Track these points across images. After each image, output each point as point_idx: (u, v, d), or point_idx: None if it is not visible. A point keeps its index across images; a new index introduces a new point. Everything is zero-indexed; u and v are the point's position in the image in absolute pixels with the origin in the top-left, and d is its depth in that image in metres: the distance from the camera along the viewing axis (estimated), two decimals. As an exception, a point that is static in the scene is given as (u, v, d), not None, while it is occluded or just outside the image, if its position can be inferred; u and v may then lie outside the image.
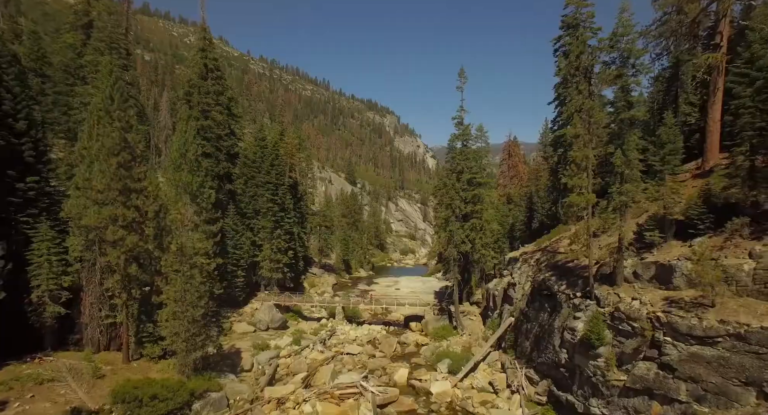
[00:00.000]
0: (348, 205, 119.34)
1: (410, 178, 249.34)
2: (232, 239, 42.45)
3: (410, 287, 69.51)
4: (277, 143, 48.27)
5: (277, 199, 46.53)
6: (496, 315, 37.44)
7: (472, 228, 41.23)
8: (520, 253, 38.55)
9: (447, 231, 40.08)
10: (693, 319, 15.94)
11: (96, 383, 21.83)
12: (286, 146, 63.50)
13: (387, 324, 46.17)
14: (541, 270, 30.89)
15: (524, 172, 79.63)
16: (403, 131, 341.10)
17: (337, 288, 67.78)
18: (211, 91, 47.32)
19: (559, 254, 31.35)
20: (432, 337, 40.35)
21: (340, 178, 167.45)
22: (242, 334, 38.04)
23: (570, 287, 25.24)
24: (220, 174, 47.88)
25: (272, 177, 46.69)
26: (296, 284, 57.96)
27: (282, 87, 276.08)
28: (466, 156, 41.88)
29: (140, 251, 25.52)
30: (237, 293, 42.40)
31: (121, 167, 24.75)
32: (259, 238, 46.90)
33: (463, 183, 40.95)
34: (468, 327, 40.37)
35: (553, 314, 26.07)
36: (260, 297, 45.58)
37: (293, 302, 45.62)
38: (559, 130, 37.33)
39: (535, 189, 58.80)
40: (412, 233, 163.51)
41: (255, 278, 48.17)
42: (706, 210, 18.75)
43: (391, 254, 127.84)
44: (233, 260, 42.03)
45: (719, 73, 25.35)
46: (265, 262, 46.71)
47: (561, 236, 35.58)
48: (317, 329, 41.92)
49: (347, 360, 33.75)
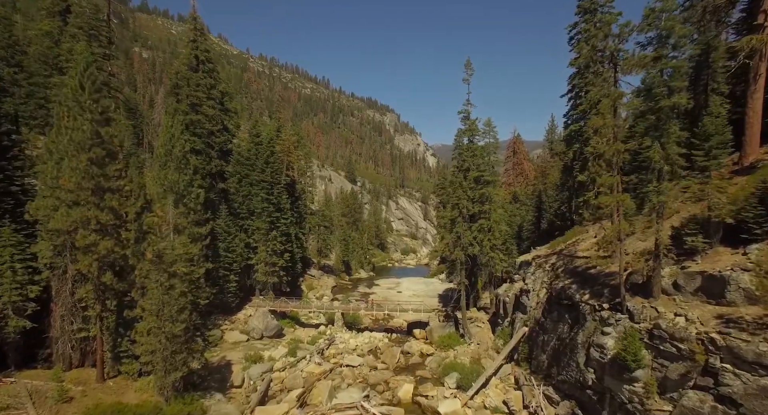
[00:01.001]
0: (348, 204, 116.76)
1: (411, 176, 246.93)
2: (224, 242, 39.83)
3: (413, 290, 66.94)
4: (273, 140, 45.63)
5: (273, 198, 43.89)
6: (507, 323, 34.85)
7: (480, 229, 38.64)
8: (533, 256, 35.91)
9: (453, 233, 37.44)
10: (762, 344, 13.31)
11: (61, 409, 19.23)
12: (283, 143, 60.85)
13: (389, 331, 43.59)
14: (558, 276, 28.24)
15: (530, 169, 76.98)
16: (403, 129, 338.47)
17: (336, 291, 65.18)
18: (202, 85, 44.70)
19: (577, 259, 28.71)
20: (437, 346, 37.79)
21: (340, 177, 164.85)
22: (234, 344, 35.45)
23: (594, 297, 22.61)
24: (213, 172, 45.30)
25: (267, 175, 44.04)
26: (293, 287, 55.39)
27: (281, 85, 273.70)
28: (473, 153, 39.26)
29: (116, 257, 22.90)
30: (229, 299, 39.82)
31: (93, 164, 22.10)
32: (254, 240, 44.29)
33: (470, 181, 38.34)
34: (476, 335, 37.78)
35: (575, 327, 23.45)
36: (255, 302, 42.98)
37: (289, 307, 43.03)
38: (575, 123, 34.63)
39: (543, 187, 56.19)
40: (413, 232, 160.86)
41: (249, 282, 45.58)
42: (765, 211, 16.08)
43: (392, 253, 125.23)
44: (225, 264, 39.43)
45: (762, 57, 22.69)
46: (260, 265, 44.10)
47: (578, 239, 32.95)
48: (315, 337, 39.32)
49: (347, 373, 31.16)
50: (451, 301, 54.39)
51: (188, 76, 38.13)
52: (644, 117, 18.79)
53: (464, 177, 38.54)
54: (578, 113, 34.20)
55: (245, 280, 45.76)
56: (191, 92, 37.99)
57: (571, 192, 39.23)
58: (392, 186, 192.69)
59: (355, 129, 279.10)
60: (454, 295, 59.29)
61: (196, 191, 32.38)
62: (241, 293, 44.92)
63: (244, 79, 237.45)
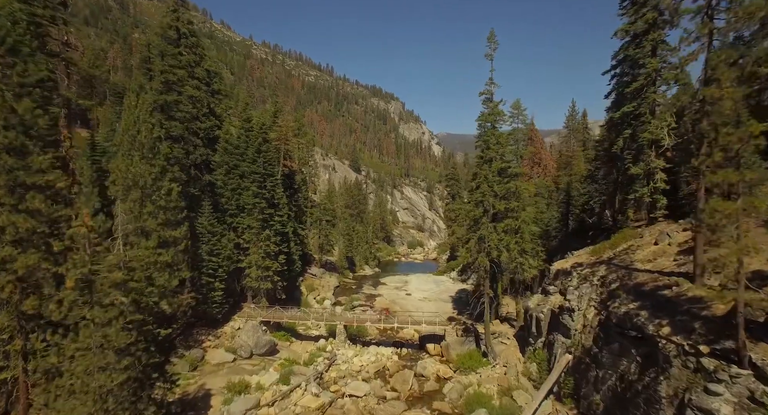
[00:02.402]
0: (352, 194, 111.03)
1: (416, 165, 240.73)
2: (208, 243, 34.25)
3: (422, 290, 61.47)
4: (266, 126, 39.67)
5: (265, 193, 38.14)
6: (541, 344, 29.22)
7: (506, 230, 32.80)
8: (571, 264, 30.09)
9: (477, 235, 31.60)
10: None
11: None
12: (281, 129, 54.95)
13: (398, 345, 38.13)
14: (615, 296, 22.43)
15: (548, 159, 70.64)
16: (408, 118, 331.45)
17: (339, 292, 59.80)
18: (183, 61, 38.73)
19: (638, 273, 22.87)
20: (456, 366, 32.33)
21: (344, 166, 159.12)
22: (217, 365, 30.11)
23: (680, 333, 16.83)
24: (197, 162, 39.61)
25: (259, 166, 38.23)
26: (292, 288, 50.04)
27: (284, 72, 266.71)
28: (497, 140, 33.23)
29: (44, 276, 17.36)
30: (214, 310, 34.39)
31: (5, 153, 16.41)
32: (244, 240, 38.71)
33: (493, 173, 32.40)
34: (501, 354, 32.26)
35: (649, 370, 17.73)
36: (244, 312, 37.58)
37: (284, 318, 37.59)
38: (629, 104, 28.37)
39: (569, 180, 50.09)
40: (419, 223, 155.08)
41: (239, 286, 40.17)
42: None
43: (398, 247, 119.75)
44: (209, 270, 33.92)
45: None
46: (252, 269, 38.58)
47: (631, 245, 27.05)
48: (313, 355, 33.95)
49: (350, 408, 25.73)
50: (468, 307, 48.91)
51: (163, 48, 32.11)
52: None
53: (488, 169, 32.58)
54: (632, 91, 27.95)
55: (235, 285, 40.35)
56: (167, 68, 32.01)
57: (616, 186, 33.22)
58: (397, 175, 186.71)
59: (360, 117, 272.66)
60: (470, 299, 53.79)
61: (167, 185, 26.69)
62: (231, 299, 39.52)
63: (246, 66, 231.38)
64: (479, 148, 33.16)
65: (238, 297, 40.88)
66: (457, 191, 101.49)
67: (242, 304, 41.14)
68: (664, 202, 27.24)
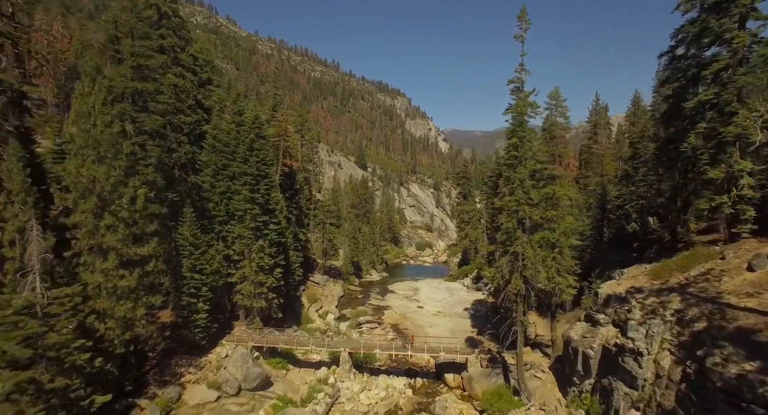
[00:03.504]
0: (358, 193, 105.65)
1: (422, 162, 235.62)
2: (190, 257, 29.13)
3: (435, 300, 56.26)
4: (260, 120, 34.22)
5: (258, 197, 32.90)
6: (589, 386, 23.88)
7: (541, 244, 27.35)
8: (626, 288, 24.56)
9: (511, 250, 26.14)
10: None
11: None
12: (280, 124, 49.69)
13: (411, 374, 32.94)
14: (704, 342, 16.94)
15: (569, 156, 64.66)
16: (415, 114, 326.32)
17: (344, 302, 54.69)
18: (165, 46, 33.65)
19: (739, 313, 17.30)
20: (482, 406, 27.12)
21: (350, 162, 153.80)
22: (196, 408, 25.03)
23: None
24: (181, 162, 34.57)
25: (251, 166, 32.98)
26: (292, 298, 45.01)
27: (290, 67, 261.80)
28: (528, 136, 27.72)
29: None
30: (197, 334, 29.30)
31: None
32: (234, 251, 33.61)
33: (523, 176, 26.91)
34: (536, 392, 26.94)
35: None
36: (234, 336, 32.54)
37: (281, 343, 32.45)
38: (711, 87, 22.60)
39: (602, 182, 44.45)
40: (428, 223, 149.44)
41: (229, 303, 35.16)
42: None
43: (406, 248, 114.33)
44: (191, 288, 28.83)
45: None
46: (243, 285, 33.51)
47: (711, 270, 21.46)
48: (313, 389, 28.83)
49: (356, 472, 20.57)
50: (488, 324, 43.54)
51: (133, 25, 26.77)
52: None
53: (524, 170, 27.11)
54: (711, 73, 22.24)
55: (225, 301, 35.34)
56: (139, 50, 26.72)
57: (677, 192, 27.60)
58: (404, 172, 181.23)
59: (366, 113, 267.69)
60: (489, 314, 48.38)
61: (130, 192, 21.56)
62: (221, 316, 34.53)
63: (252, 61, 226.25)
64: (510, 147, 27.59)
65: (228, 315, 35.89)
66: (469, 190, 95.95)
67: (233, 323, 36.15)
68: (752, 213, 21.61)
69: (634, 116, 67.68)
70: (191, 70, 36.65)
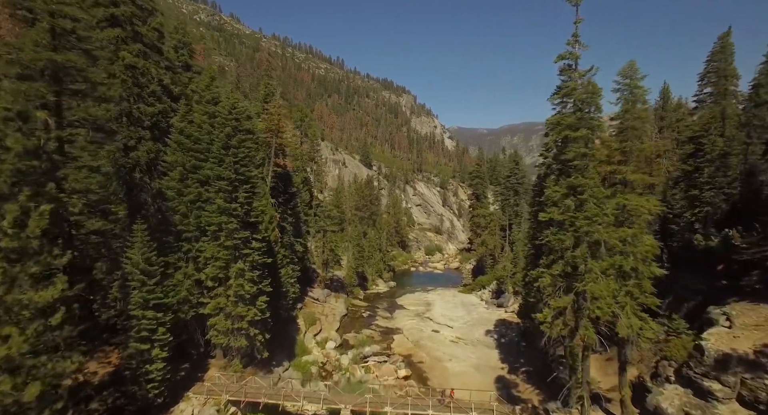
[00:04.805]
0: (363, 195, 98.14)
1: (428, 160, 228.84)
2: (141, 290, 21.91)
3: (451, 319, 49.02)
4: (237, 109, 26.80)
5: (237, 208, 25.65)
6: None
7: (610, 272, 19.92)
8: (751, 345, 17.08)
9: (577, 290, 18.68)
10: None
11: None
12: (271, 118, 42.40)
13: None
14: None
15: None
16: (420, 111, 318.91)
17: (347, 323, 47.51)
18: (118, 15, 26.60)
19: None
20: None
21: (355, 161, 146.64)
22: None
23: None
24: (140, 162, 27.48)
25: (227, 168, 25.75)
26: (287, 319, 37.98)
27: (294, 65, 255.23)
28: (587, 127, 20.32)
29: None
30: (149, 392, 22.09)
31: None
32: (206, 275, 26.43)
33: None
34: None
35: None
36: (204, 386, 25.33)
37: (263, 397, 25.13)
38: None
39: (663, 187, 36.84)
40: (436, 224, 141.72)
41: (202, 339, 28.09)
42: None
43: (415, 253, 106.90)
44: (141, 332, 21.64)
45: None
46: (219, 318, 26.39)
47: None
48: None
49: None
50: (520, 357, 36.00)
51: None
52: None
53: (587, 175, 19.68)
54: None
55: (197, 335, 28.28)
56: (57, 7, 19.29)
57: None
58: (409, 170, 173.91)
59: (371, 111, 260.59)
60: (518, 339, 40.91)
61: (15, 210, 14.38)
62: (193, 353, 27.58)
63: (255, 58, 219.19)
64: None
65: (203, 351, 28.86)
66: (482, 191, 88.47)
67: (209, 362, 29.12)
68: None
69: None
70: (155, 49, 29.50)
